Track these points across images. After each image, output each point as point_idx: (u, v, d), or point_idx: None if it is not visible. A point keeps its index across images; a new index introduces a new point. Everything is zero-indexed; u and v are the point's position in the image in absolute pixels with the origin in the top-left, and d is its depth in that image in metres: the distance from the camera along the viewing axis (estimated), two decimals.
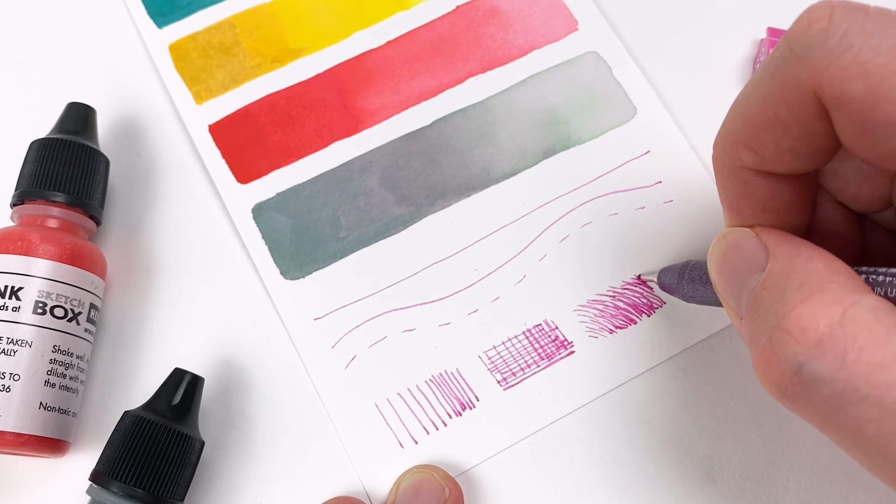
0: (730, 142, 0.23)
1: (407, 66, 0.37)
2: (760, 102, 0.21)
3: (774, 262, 0.22)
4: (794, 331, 0.20)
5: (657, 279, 0.32)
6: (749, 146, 0.22)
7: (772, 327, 0.20)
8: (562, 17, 0.38)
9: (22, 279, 0.30)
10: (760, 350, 0.21)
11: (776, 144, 0.22)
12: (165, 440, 0.28)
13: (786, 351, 0.20)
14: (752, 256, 0.23)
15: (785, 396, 0.20)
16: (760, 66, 0.22)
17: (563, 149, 0.36)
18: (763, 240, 0.23)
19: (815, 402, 0.20)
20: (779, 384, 0.20)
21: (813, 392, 0.19)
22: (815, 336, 0.19)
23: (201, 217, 0.35)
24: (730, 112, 0.23)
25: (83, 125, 0.33)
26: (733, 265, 0.24)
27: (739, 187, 0.24)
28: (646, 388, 0.33)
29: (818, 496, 0.31)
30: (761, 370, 0.21)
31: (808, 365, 0.19)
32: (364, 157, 0.36)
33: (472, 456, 0.32)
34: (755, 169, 0.23)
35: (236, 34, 0.38)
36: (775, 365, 0.20)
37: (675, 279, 0.30)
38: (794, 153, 0.22)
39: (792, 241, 0.22)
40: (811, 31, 0.20)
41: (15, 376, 0.29)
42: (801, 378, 0.19)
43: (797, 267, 0.21)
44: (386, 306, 0.34)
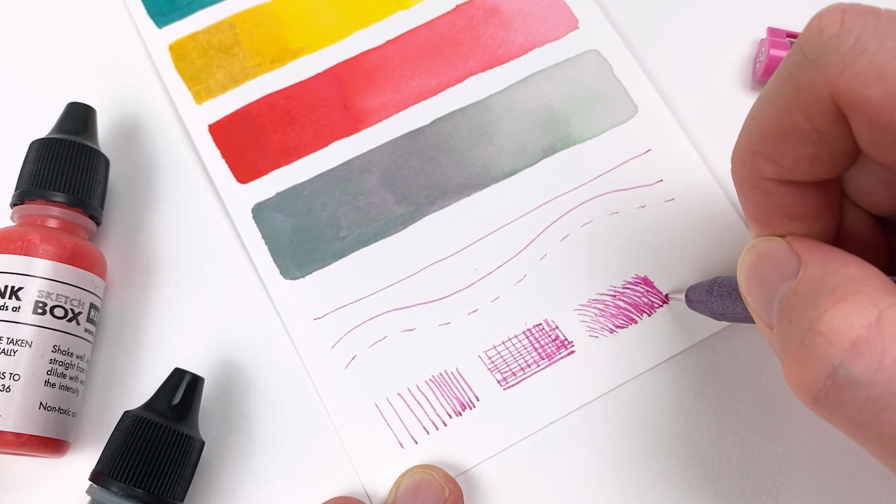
0: (748, 153, 0.23)
1: (407, 66, 0.37)
2: (776, 111, 0.21)
3: (807, 268, 0.21)
4: (828, 332, 0.19)
5: (685, 296, 0.32)
6: (768, 156, 0.22)
7: (804, 330, 0.19)
8: (562, 15, 0.38)
9: (22, 279, 0.30)
10: (792, 354, 0.20)
11: (795, 153, 0.21)
12: (165, 440, 0.28)
13: (819, 353, 0.19)
14: (784, 264, 0.22)
15: (818, 402, 0.19)
16: (773, 76, 0.22)
17: (564, 147, 0.36)
18: (794, 248, 0.22)
19: (850, 406, 0.19)
20: (811, 388, 0.19)
21: (848, 396, 0.19)
22: (851, 337, 0.18)
23: (201, 217, 0.35)
24: (745, 124, 0.23)
25: (83, 125, 0.33)
26: (764, 274, 0.23)
27: (763, 198, 0.23)
28: (646, 388, 0.33)
29: (818, 496, 0.31)
30: (793, 374, 0.20)
31: (843, 367, 0.18)
32: (364, 157, 0.36)
33: (472, 456, 0.32)
34: (776, 179, 0.23)
35: (236, 34, 0.38)
36: (808, 368, 0.19)
37: (703, 296, 0.30)
38: (813, 160, 0.21)
39: (824, 248, 0.22)
40: (824, 37, 0.19)
41: (15, 376, 0.29)
42: (836, 381, 0.19)
43: (830, 272, 0.20)
44: (386, 306, 0.34)
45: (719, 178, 0.36)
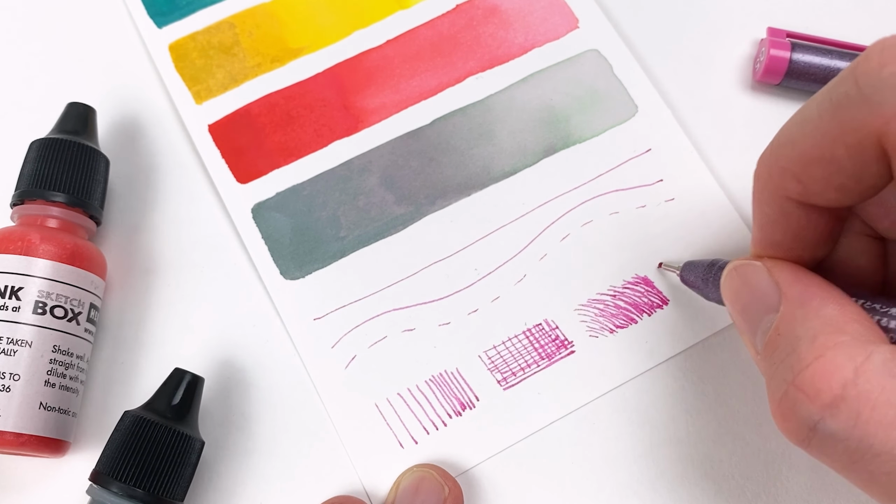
0: (778, 169, 0.23)
1: (407, 65, 0.37)
2: (817, 137, 0.21)
3: (787, 305, 0.22)
4: (809, 390, 0.20)
5: (679, 272, 0.32)
6: (797, 178, 0.22)
7: (787, 382, 0.21)
8: (562, 14, 0.38)
9: (22, 279, 0.30)
10: (777, 404, 0.21)
11: (826, 180, 0.21)
12: (165, 440, 0.28)
13: (801, 409, 0.20)
14: (765, 296, 0.23)
15: (803, 446, 0.21)
16: (818, 96, 0.21)
17: (564, 147, 0.36)
18: (775, 277, 0.23)
19: (831, 454, 0.20)
20: (796, 436, 0.21)
21: (829, 447, 0.20)
22: (830, 396, 0.20)
23: (201, 217, 0.35)
24: (780, 138, 0.23)
25: (83, 125, 0.33)
26: (746, 301, 0.24)
27: (777, 214, 0.24)
28: (646, 388, 0.33)
29: (818, 496, 0.31)
30: (779, 421, 0.21)
31: (822, 423, 0.20)
32: (364, 157, 0.36)
33: (472, 456, 0.32)
34: (798, 200, 0.23)
35: (236, 34, 0.38)
36: (791, 420, 0.21)
37: (699, 280, 0.30)
38: (842, 189, 0.21)
39: (804, 281, 0.22)
40: (883, 74, 0.19)
41: (15, 376, 0.29)
42: (817, 434, 0.20)
43: (809, 314, 0.21)
44: (386, 306, 0.34)
45: (719, 178, 0.36)
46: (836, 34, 0.37)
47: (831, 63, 0.35)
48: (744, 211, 0.35)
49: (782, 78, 0.36)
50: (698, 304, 0.33)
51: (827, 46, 0.36)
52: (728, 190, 0.35)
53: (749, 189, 0.35)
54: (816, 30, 0.37)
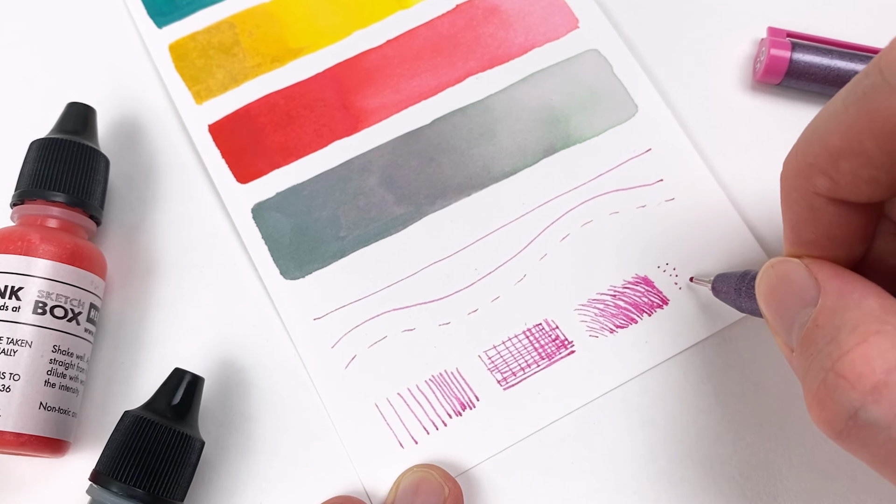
0: (805, 166, 0.22)
1: (407, 66, 0.37)
2: (843, 130, 0.21)
3: (826, 298, 0.22)
4: (850, 376, 0.19)
5: (712, 285, 0.32)
6: (826, 173, 0.22)
7: (826, 369, 0.20)
8: (562, 14, 0.38)
9: (22, 279, 0.30)
10: (815, 392, 0.21)
11: (855, 174, 0.21)
12: (165, 440, 0.28)
13: (841, 396, 0.20)
14: (803, 290, 0.23)
15: (840, 438, 0.20)
16: (844, 90, 0.21)
17: (564, 147, 0.36)
18: (814, 272, 0.23)
19: (871, 445, 0.20)
20: (833, 427, 0.20)
21: (869, 436, 0.19)
22: (872, 382, 0.19)
23: (201, 217, 0.35)
24: (806, 135, 0.22)
25: (83, 125, 0.33)
26: (783, 297, 0.24)
27: (807, 212, 0.23)
28: (646, 388, 0.33)
29: (818, 496, 0.31)
30: (815, 412, 0.21)
31: (864, 410, 0.19)
32: (364, 157, 0.36)
33: (472, 456, 0.32)
34: (828, 196, 0.22)
35: (236, 34, 0.38)
36: (830, 408, 0.20)
37: (731, 291, 0.30)
38: (872, 182, 0.21)
39: (843, 276, 0.22)
40: None
41: (15, 376, 0.29)
42: (857, 423, 0.20)
43: (850, 305, 0.21)
44: (386, 306, 0.34)
45: (719, 178, 0.36)
46: (837, 34, 0.37)
47: (832, 63, 0.35)
48: (744, 211, 0.35)
49: (782, 78, 0.36)
50: (698, 305, 0.33)
51: (827, 46, 0.36)
52: (728, 190, 0.35)
53: (749, 188, 0.35)
54: (817, 30, 0.37)
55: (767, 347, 0.33)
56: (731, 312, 0.33)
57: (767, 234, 0.35)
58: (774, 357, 0.33)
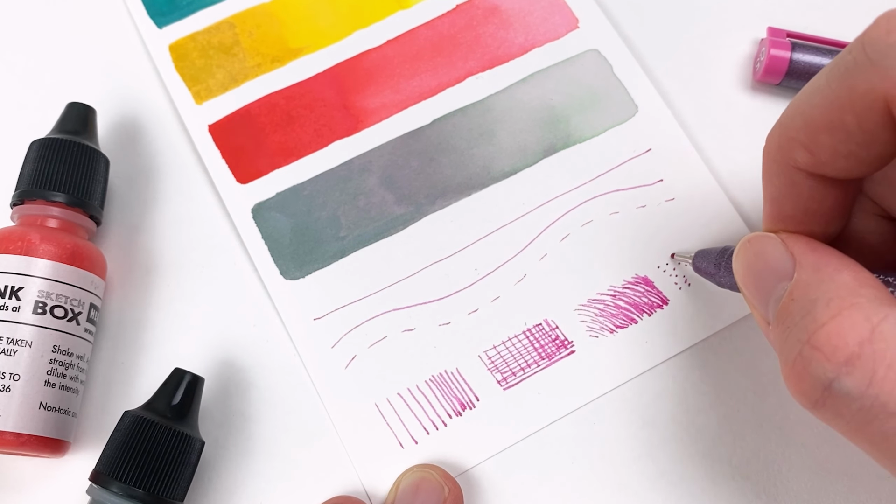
0: (786, 139, 0.23)
1: (407, 66, 0.37)
2: (825, 104, 0.21)
3: (801, 272, 0.22)
4: (825, 348, 0.20)
5: (692, 262, 0.32)
6: (806, 147, 0.22)
7: (802, 342, 0.21)
8: (562, 15, 0.38)
9: (22, 279, 0.30)
10: (791, 364, 0.21)
11: (835, 148, 0.21)
12: (165, 440, 0.28)
13: (816, 367, 0.20)
14: (779, 264, 0.23)
15: (815, 408, 0.21)
16: (827, 67, 0.21)
17: (564, 147, 0.36)
18: (789, 247, 0.23)
19: (844, 415, 0.20)
20: (809, 397, 0.21)
21: (843, 406, 0.20)
22: (845, 354, 0.20)
23: (201, 217, 0.35)
24: (789, 109, 0.23)
25: (83, 125, 0.33)
26: (759, 272, 0.24)
27: (787, 186, 0.23)
28: (646, 388, 0.33)
29: (818, 496, 0.31)
30: (792, 383, 0.21)
31: (837, 381, 0.20)
32: (364, 157, 0.36)
33: (472, 456, 0.32)
34: (807, 170, 0.23)
35: (236, 34, 0.38)
36: (806, 380, 0.20)
37: (711, 267, 0.30)
38: (851, 158, 0.21)
39: (819, 250, 0.22)
40: (890, 40, 0.19)
41: (15, 376, 0.29)
42: (832, 393, 0.20)
43: (824, 278, 0.21)
44: (386, 306, 0.34)
45: (719, 178, 0.36)
46: (837, 34, 0.37)
47: None
48: (744, 210, 0.35)
49: (782, 78, 0.36)
50: (698, 305, 0.33)
51: (827, 46, 0.36)
52: (728, 189, 0.35)
53: (749, 188, 0.35)
54: (817, 30, 0.37)
55: (767, 347, 0.33)
56: (730, 313, 0.33)
57: None
58: (774, 357, 0.33)
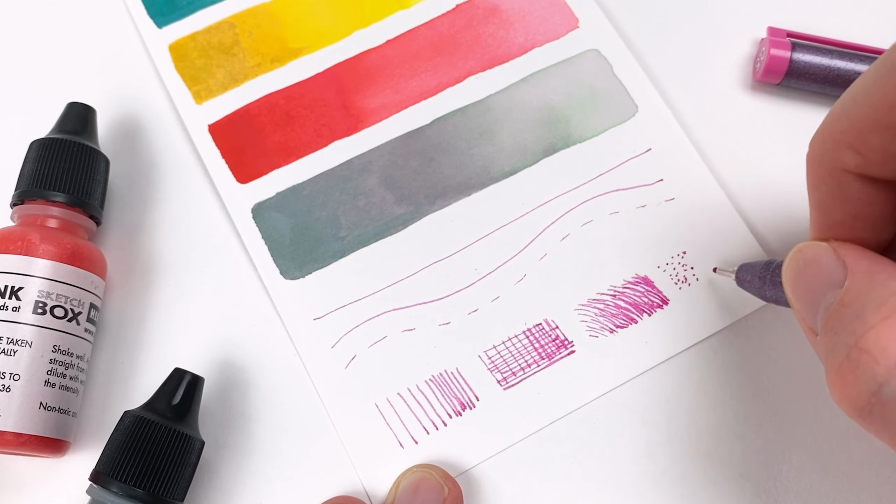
0: (832, 142, 0.22)
1: (407, 65, 0.37)
2: (872, 103, 0.20)
3: (853, 279, 0.21)
4: (874, 350, 0.19)
5: (735, 275, 0.32)
6: (854, 147, 0.21)
7: (850, 345, 0.20)
8: (562, 14, 0.38)
9: (22, 279, 0.30)
10: (837, 368, 0.20)
11: (885, 148, 0.21)
12: (165, 440, 0.28)
13: (864, 370, 0.19)
14: (830, 272, 0.22)
15: (862, 416, 0.20)
16: (873, 66, 0.21)
17: (564, 147, 0.36)
18: (841, 255, 0.22)
19: (894, 423, 0.19)
20: (855, 404, 0.20)
21: (892, 413, 0.19)
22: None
23: (201, 217, 0.35)
24: (834, 111, 0.22)
25: (83, 125, 0.33)
26: (809, 280, 0.23)
27: (835, 190, 0.23)
28: (646, 388, 0.33)
29: (818, 496, 0.31)
30: (837, 388, 0.20)
31: (887, 385, 0.19)
32: (364, 157, 0.36)
33: (472, 456, 0.32)
34: (856, 172, 0.22)
35: (236, 34, 0.38)
36: (853, 384, 0.20)
37: (756, 280, 0.30)
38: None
39: (871, 258, 0.22)
40: None
41: (15, 376, 0.29)
42: (880, 399, 0.19)
43: (877, 284, 0.20)
44: (386, 306, 0.34)
45: (719, 178, 0.36)
46: (837, 34, 0.37)
47: (832, 63, 0.35)
48: (743, 210, 0.35)
49: (782, 78, 0.36)
50: (698, 305, 0.33)
51: (827, 46, 0.36)
52: (728, 189, 0.35)
53: (749, 188, 0.35)
54: (817, 29, 0.37)
55: (768, 347, 0.33)
56: (730, 313, 0.33)
57: (767, 234, 0.35)
58: (775, 357, 0.33)
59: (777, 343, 0.33)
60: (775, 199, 0.35)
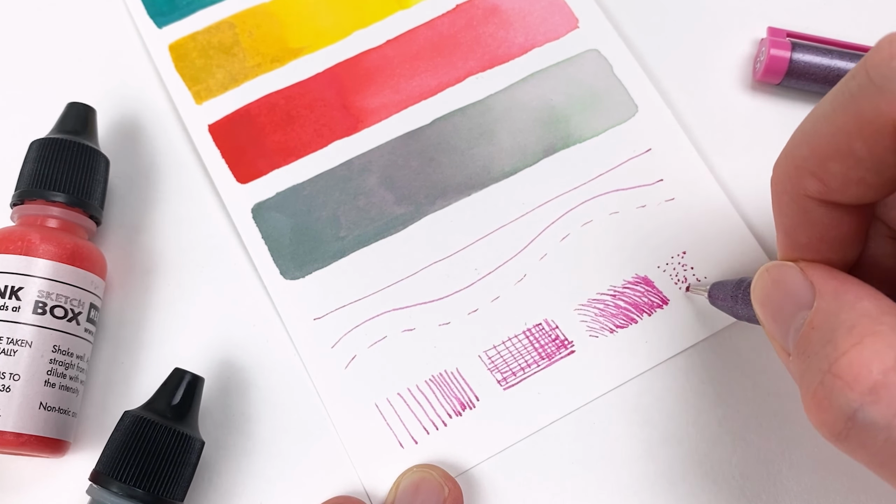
0: (794, 168, 0.22)
1: (407, 65, 0.37)
2: (832, 131, 0.21)
3: (821, 300, 0.21)
4: (847, 376, 0.19)
5: (708, 294, 0.32)
6: (815, 175, 0.22)
7: (823, 371, 0.20)
8: (562, 14, 0.38)
9: (22, 279, 0.30)
10: (812, 394, 0.20)
11: (845, 175, 0.21)
12: (165, 440, 0.28)
13: (838, 397, 0.19)
14: (798, 293, 0.23)
15: (839, 440, 0.20)
16: (831, 93, 0.21)
17: (564, 147, 0.36)
18: (808, 275, 0.23)
19: (869, 447, 0.19)
20: (832, 429, 0.20)
21: (867, 438, 0.19)
22: (869, 382, 0.19)
23: (201, 217, 0.35)
24: (794, 138, 0.22)
25: (83, 125, 0.33)
26: (778, 301, 0.23)
27: (799, 215, 0.23)
28: (646, 388, 0.33)
29: (818, 496, 0.31)
30: (813, 413, 0.21)
31: (861, 411, 0.19)
32: (364, 157, 0.36)
33: (472, 456, 0.32)
34: (818, 198, 0.22)
35: (236, 34, 0.38)
36: (828, 410, 0.20)
37: (728, 300, 0.30)
38: (862, 184, 0.21)
39: (839, 278, 0.22)
40: (894, 64, 0.19)
41: (15, 376, 0.29)
42: (856, 424, 0.19)
43: (845, 306, 0.21)
44: (386, 306, 0.34)
45: (719, 178, 0.36)
46: (837, 34, 0.37)
47: (831, 63, 0.35)
48: (743, 210, 0.35)
49: (782, 78, 0.36)
50: (698, 305, 0.33)
51: (827, 46, 0.36)
52: (728, 189, 0.35)
53: (749, 188, 0.35)
54: (817, 29, 0.37)
55: (767, 348, 0.33)
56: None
57: (767, 234, 0.35)
58: (774, 357, 0.33)
59: None
60: None
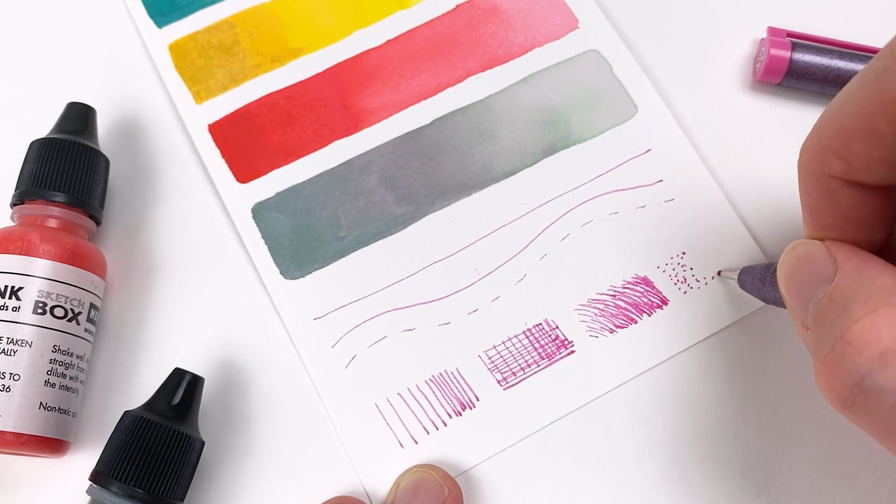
0: (819, 149, 0.23)
1: (407, 65, 0.37)
2: (857, 111, 0.21)
3: (842, 275, 0.22)
4: (858, 342, 0.20)
5: (737, 278, 0.32)
6: (840, 154, 0.22)
7: (835, 338, 0.20)
8: (562, 15, 0.38)
9: (22, 279, 0.30)
10: (823, 360, 0.21)
11: (869, 155, 0.21)
12: (165, 440, 0.28)
13: (848, 362, 0.20)
14: (821, 269, 0.23)
15: (846, 407, 0.20)
16: (859, 75, 0.21)
17: (564, 147, 0.36)
18: (832, 253, 0.23)
19: (876, 413, 0.20)
20: (840, 395, 0.20)
21: (874, 404, 0.19)
22: (879, 348, 0.19)
23: (201, 217, 0.35)
24: (822, 119, 0.23)
25: (83, 125, 0.33)
26: (801, 276, 0.24)
27: (824, 195, 0.23)
28: (646, 388, 0.33)
29: (818, 496, 0.31)
30: (822, 380, 0.21)
31: (869, 377, 0.19)
32: (364, 157, 0.36)
33: (472, 456, 0.32)
34: (843, 178, 0.23)
35: (236, 34, 0.38)
36: (837, 376, 0.20)
37: (756, 282, 0.30)
38: (885, 163, 0.21)
39: (861, 256, 0.22)
40: None
41: (15, 376, 0.29)
42: (863, 390, 0.20)
43: (865, 280, 0.21)
44: (386, 306, 0.34)
45: (719, 178, 0.36)
46: (837, 34, 0.37)
47: (832, 63, 0.35)
48: (742, 211, 0.35)
49: (782, 78, 0.36)
50: (698, 305, 0.33)
51: (827, 46, 0.36)
52: (727, 190, 0.35)
53: (749, 188, 0.35)
54: (817, 29, 0.37)
55: (768, 347, 0.33)
56: (730, 313, 0.33)
57: (765, 234, 0.35)
58: (775, 357, 0.33)
59: (777, 343, 0.33)
60: (775, 200, 0.35)
